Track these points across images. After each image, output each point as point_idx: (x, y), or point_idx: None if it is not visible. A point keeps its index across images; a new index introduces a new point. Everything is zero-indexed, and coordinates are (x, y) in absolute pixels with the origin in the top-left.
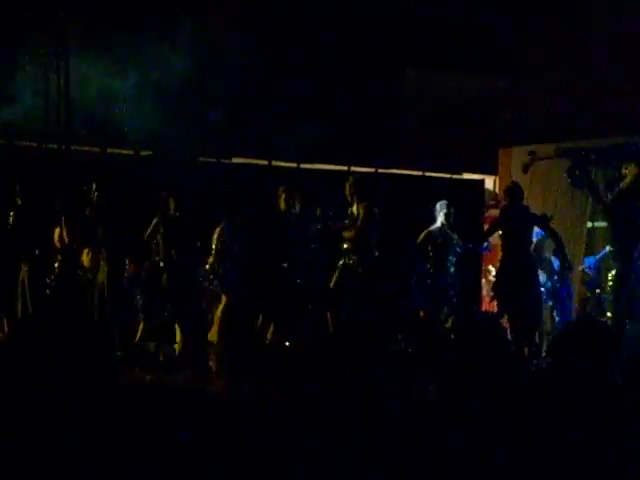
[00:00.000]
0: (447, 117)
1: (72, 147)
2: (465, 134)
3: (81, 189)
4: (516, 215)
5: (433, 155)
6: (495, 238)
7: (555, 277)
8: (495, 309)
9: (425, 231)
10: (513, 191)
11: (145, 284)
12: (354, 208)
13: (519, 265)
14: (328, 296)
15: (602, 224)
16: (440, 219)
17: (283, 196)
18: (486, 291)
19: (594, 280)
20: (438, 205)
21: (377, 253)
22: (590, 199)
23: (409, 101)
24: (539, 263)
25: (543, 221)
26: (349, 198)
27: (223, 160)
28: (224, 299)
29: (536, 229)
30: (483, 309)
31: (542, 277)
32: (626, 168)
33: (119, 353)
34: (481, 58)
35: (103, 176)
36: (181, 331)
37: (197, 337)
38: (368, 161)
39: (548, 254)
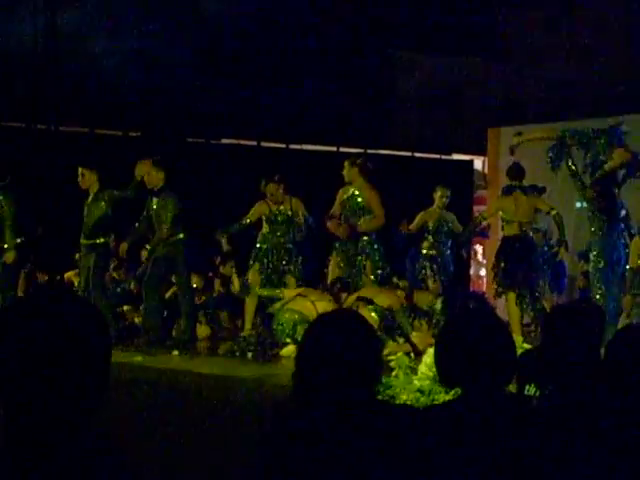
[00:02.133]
0: (436, 98)
1: (60, 127)
2: (454, 115)
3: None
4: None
5: (422, 136)
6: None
7: (548, 251)
8: (483, 288)
9: (421, 213)
10: (514, 171)
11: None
12: (354, 191)
13: (521, 243)
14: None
15: None
16: (437, 202)
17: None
18: (474, 271)
19: None
20: (438, 188)
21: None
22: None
23: (398, 82)
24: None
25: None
26: (349, 179)
27: (212, 141)
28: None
29: None
30: (471, 289)
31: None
32: (610, 152)
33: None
34: (470, 39)
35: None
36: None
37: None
38: (357, 141)
39: (542, 225)
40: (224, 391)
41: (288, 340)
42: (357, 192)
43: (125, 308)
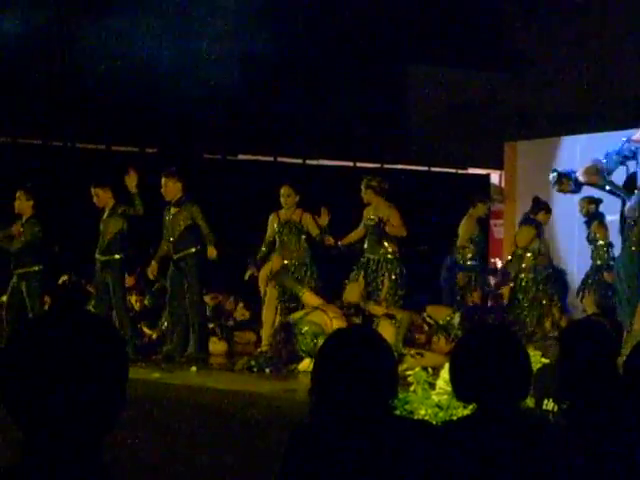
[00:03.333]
0: (452, 112)
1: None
2: (470, 129)
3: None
4: None
5: (439, 150)
6: (499, 232)
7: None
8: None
9: (464, 225)
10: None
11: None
12: (375, 209)
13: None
14: None
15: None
16: (475, 214)
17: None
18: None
19: None
20: (478, 202)
21: None
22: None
23: (414, 96)
24: None
25: None
26: (367, 200)
27: (228, 157)
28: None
29: None
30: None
31: None
32: None
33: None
34: (486, 52)
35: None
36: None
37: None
38: (374, 157)
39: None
40: (242, 407)
41: (304, 354)
42: (377, 211)
43: (142, 324)
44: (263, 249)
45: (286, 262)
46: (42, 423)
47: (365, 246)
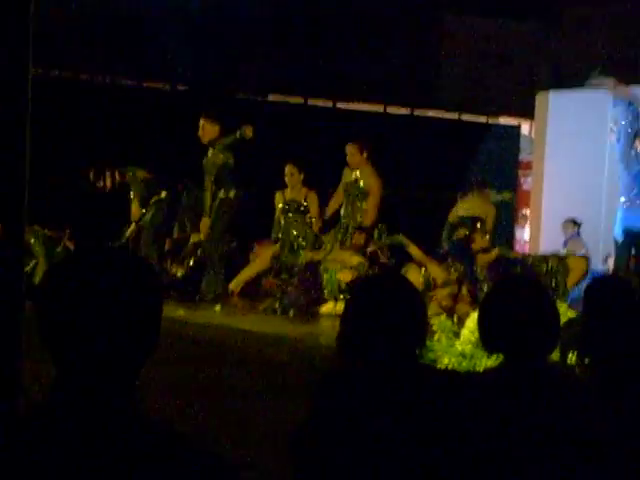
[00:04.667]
0: (485, 61)
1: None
2: (503, 78)
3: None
4: None
5: (470, 98)
6: (528, 184)
7: None
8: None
9: None
10: None
11: None
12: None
13: None
14: None
15: None
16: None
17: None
18: (519, 235)
19: None
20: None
21: None
22: None
23: (448, 44)
24: None
25: None
26: (355, 165)
27: (258, 97)
28: None
29: None
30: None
31: None
32: None
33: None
34: (521, 3)
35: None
36: None
37: None
38: (405, 102)
39: None
40: (265, 349)
41: (329, 297)
42: (360, 177)
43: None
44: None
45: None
46: (78, 357)
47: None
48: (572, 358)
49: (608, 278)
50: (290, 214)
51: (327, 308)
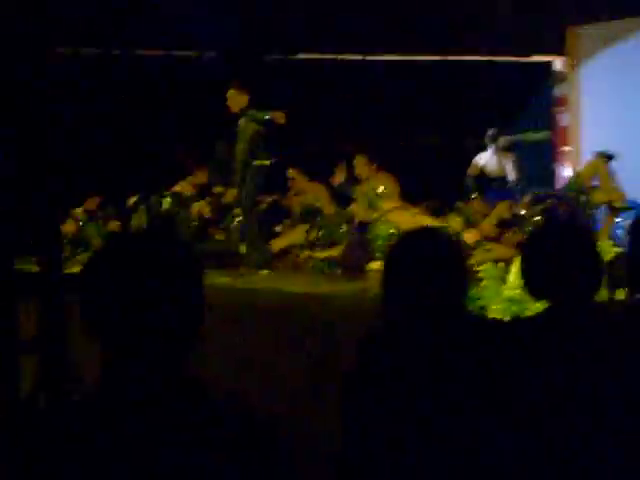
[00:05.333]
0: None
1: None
2: (533, 14)
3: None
4: None
5: (500, 36)
6: (564, 119)
7: None
8: None
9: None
10: None
11: None
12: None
13: None
14: None
15: None
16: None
17: None
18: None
19: None
20: (490, 132)
21: None
22: None
23: None
24: None
25: None
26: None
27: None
28: None
29: None
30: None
31: None
32: None
33: None
34: None
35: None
36: None
37: None
38: (432, 47)
39: None
40: (314, 309)
41: (379, 254)
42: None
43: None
44: None
45: None
46: (126, 339)
47: None
48: (620, 293)
49: None
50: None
51: (376, 265)
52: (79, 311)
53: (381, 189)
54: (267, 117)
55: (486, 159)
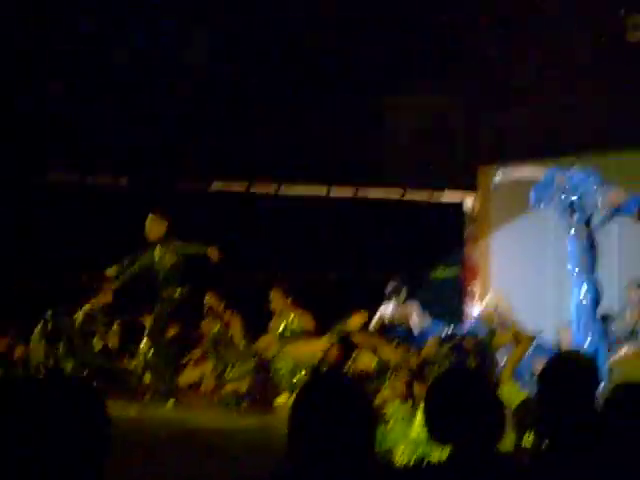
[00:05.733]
0: (427, 136)
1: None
2: (445, 153)
3: None
4: None
5: (413, 175)
6: (475, 258)
7: None
8: None
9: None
10: None
11: None
12: None
13: None
14: None
15: None
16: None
17: None
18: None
19: None
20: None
21: None
22: None
23: (387, 122)
24: None
25: None
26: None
27: (201, 187)
28: None
29: None
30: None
31: None
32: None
33: None
34: (462, 78)
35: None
36: None
37: None
38: (348, 182)
39: None
40: (221, 443)
41: (284, 388)
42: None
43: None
44: None
45: None
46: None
47: None
48: (528, 438)
49: (562, 357)
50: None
51: (282, 399)
52: None
53: (295, 323)
54: (202, 252)
55: (390, 311)
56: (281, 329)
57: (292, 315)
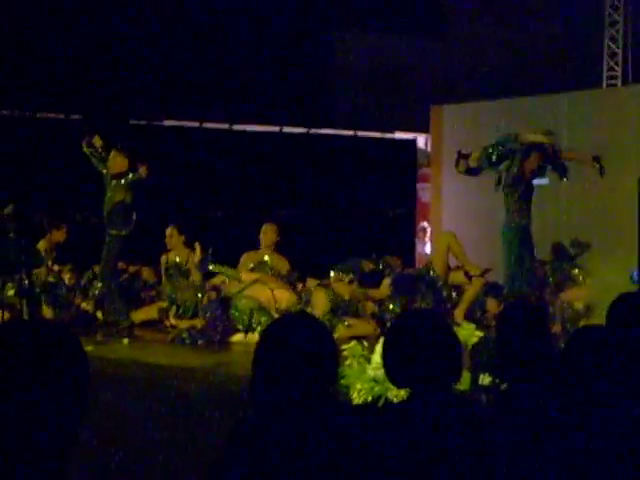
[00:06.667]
0: (379, 76)
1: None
2: (396, 92)
3: None
4: None
5: (365, 115)
6: (426, 196)
7: None
8: None
9: None
10: None
11: None
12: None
13: None
14: None
15: None
16: None
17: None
18: (420, 249)
19: None
20: None
21: None
22: None
23: (340, 61)
24: None
25: None
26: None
27: (155, 122)
28: None
29: None
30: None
31: None
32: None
33: None
34: (412, 17)
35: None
36: None
37: None
38: (300, 121)
39: None
40: (176, 381)
41: (240, 327)
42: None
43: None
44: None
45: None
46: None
47: None
48: (484, 379)
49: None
50: (174, 278)
51: (237, 337)
52: None
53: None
54: (136, 175)
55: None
56: (251, 266)
57: (266, 256)
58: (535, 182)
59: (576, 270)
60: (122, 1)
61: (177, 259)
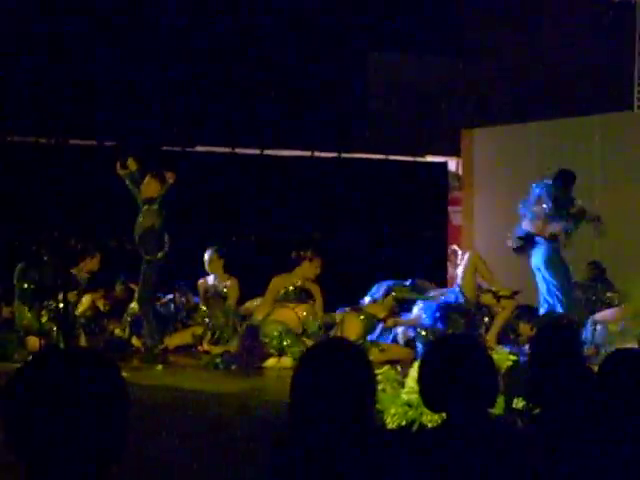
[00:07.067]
0: (410, 100)
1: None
2: (428, 116)
3: None
4: None
5: (396, 138)
6: (457, 219)
7: None
8: None
9: None
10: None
11: None
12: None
13: None
14: None
15: None
16: None
17: None
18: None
19: None
20: None
21: None
22: None
23: (373, 84)
24: None
25: None
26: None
27: (187, 148)
28: None
29: None
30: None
31: None
32: None
33: None
34: (444, 40)
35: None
36: None
37: None
38: (332, 146)
39: None
40: (211, 407)
41: (273, 351)
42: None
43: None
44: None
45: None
46: (44, 457)
47: None
48: (517, 403)
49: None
50: (211, 301)
51: (271, 362)
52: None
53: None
54: (166, 188)
55: None
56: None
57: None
58: None
59: (610, 292)
60: (155, 32)
61: (216, 283)
